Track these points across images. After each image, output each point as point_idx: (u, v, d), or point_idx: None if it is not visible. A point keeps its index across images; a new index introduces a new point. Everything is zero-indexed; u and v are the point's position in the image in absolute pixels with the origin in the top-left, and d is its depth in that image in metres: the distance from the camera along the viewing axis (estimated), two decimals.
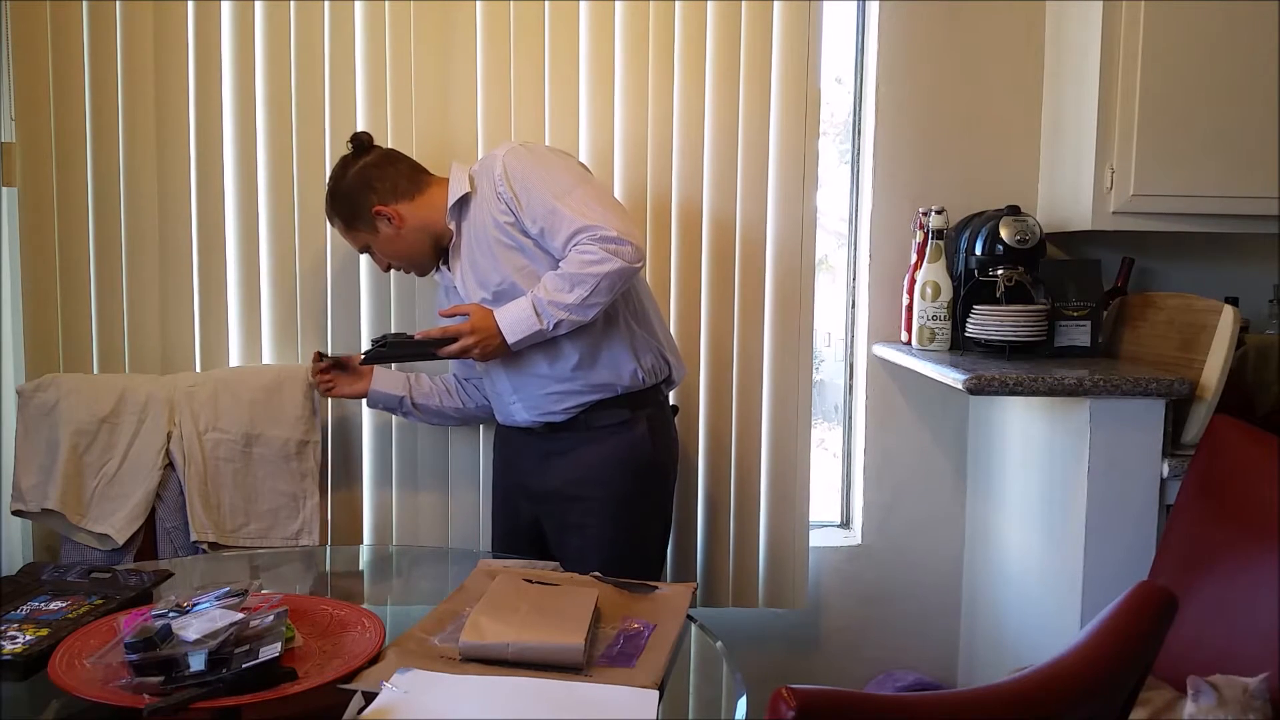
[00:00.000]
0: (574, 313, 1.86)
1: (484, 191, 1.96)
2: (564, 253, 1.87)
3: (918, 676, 2.48)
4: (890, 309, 2.54)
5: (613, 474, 2.00)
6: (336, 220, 2.05)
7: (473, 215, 1.98)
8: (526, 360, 1.97)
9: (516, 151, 1.95)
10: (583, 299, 1.84)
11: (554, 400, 1.99)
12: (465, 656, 1.30)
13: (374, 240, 2.03)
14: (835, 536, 2.65)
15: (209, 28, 2.24)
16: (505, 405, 2.06)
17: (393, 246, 2.03)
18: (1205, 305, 2.11)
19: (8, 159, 2.19)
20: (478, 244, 1.97)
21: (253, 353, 2.32)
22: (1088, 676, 1.00)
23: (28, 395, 2.14)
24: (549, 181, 1.90)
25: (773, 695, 0.87)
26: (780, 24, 2.36)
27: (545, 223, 1.88)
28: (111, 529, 2.09)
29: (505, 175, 1.91)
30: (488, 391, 2.13)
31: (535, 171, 1.91)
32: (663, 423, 2.09)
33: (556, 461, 2.03)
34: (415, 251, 2.04)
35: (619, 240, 1.84)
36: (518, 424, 2.06)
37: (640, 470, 2.03)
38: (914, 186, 2.52)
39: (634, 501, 2.03)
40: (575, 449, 2.01)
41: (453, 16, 2.28)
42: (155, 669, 1.18)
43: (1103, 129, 2.22)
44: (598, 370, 1.97)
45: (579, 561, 1.89)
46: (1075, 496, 2.07)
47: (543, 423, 2.02)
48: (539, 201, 1.88)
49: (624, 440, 2.01)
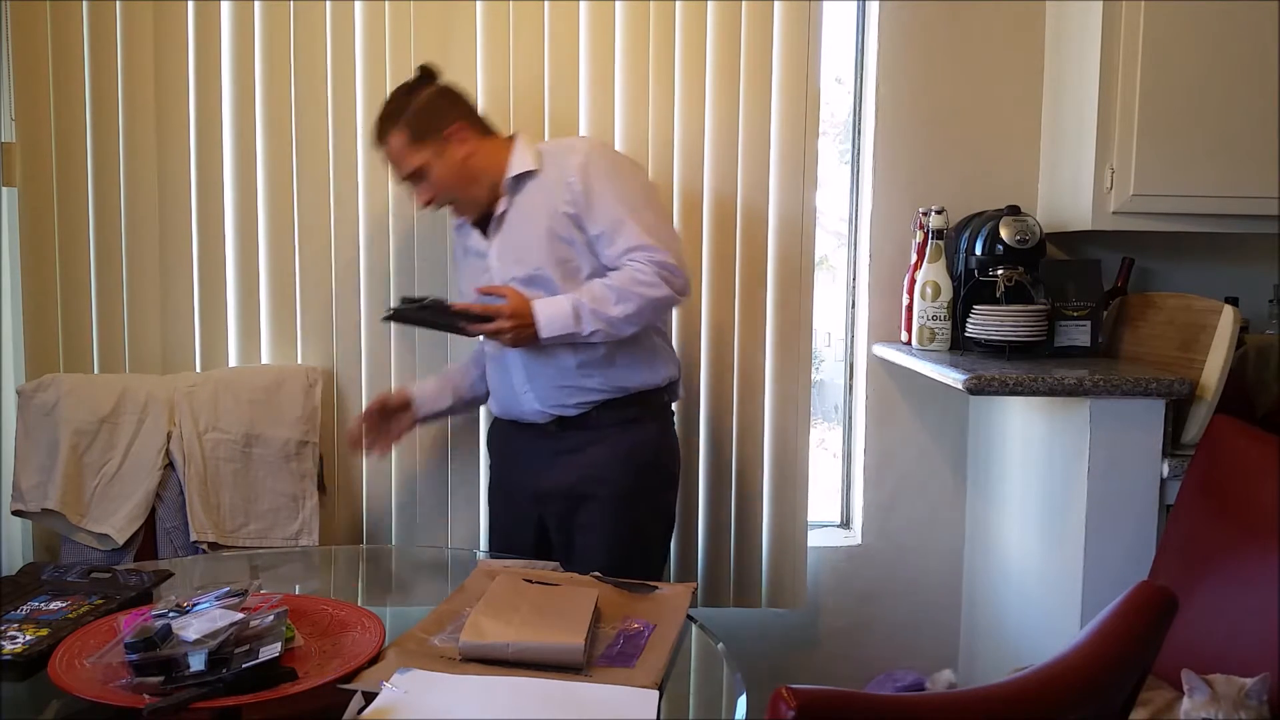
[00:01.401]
0: (613, 326, 1.87)
1: (550, 176, 1.94)
2: (616, 262, 1.89)
3: (917, 676, 2.47)
4: (890, 309, 2.54)
5: (621, 473, 1.99)
6: (399, 134, 1.93)
7: (529, 193, 1.96)
8: (550, 350, 1.94)
9: (600, 150, 1.96)
10: (625, 315, 1.86)
11: (567, 394, 1.97)
12: (465, 656, 1.30)
13: (436, 163, 1.93)
14: (835, 536, 2.65)
15: (209, 28, 2.24)
16: (514, 395, 2.02)
17: (454, 174, 1.95)
18: (1205, 305, 2.11)
19: (8, 159, 2.19)
20: (527, 222, 1.94)
21: (252, 353, 2.32)
22: (1088, 676, 1.00)
23: (28, 395, 2.14)
24: (624, 191, 1.91)
25: (773, 695, 0.87)
26: (780, 24, 2.36)
27: (608, 228, 1.89)
28: (111, 529, 2.09)
29: (583, 170, 1.90)
30: (492, 380, 2.09)
31: (614, 177, 1.93)
32: (670, 425, 2.11)
33: (563, 460, 2.00)
34: (473, 186, 1.97)
35: (674, 270, 1.88)
36: (522, 417, 2.03)
37: (648, 470, 2.03)
38: (914, 186, 2.52)
39: (640, 502, 2.02)
40: (583, 447, 1.99)
41: (453, 16, 2.29)
42: (155, 669, 1.18)
43: (1103, 129, 2.22)
44: (617, 370, 1.97)
45: (583, 562, 1.89)
46: (1075, 496, 2.07)
47: (553, 416, 1.99)
48: (610, 207, 1.89)
49: (633, 440, 2.00)
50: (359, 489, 2.38)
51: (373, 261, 2.33)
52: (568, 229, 1.91)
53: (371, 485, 2.38)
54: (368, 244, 2.32)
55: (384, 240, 2.33)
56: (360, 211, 2.32)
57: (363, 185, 2.31)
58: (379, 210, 2.32)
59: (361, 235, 2.32)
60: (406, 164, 1.95)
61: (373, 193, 2.31)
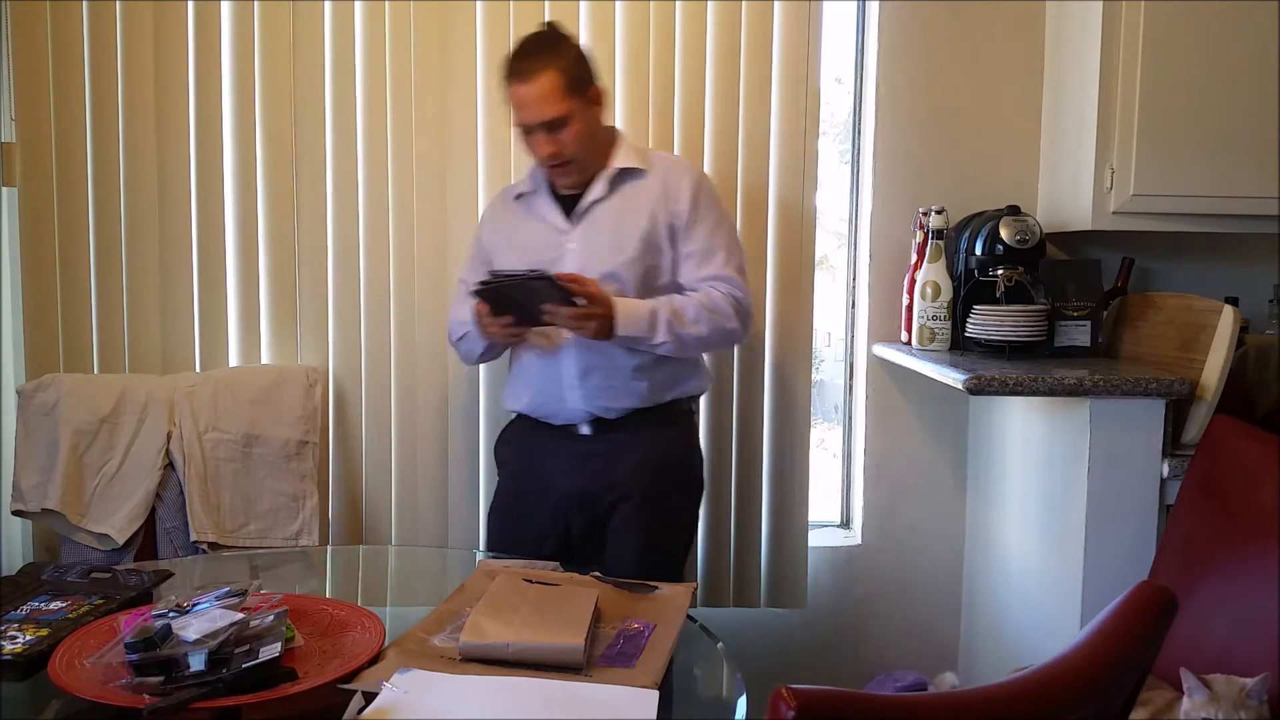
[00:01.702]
0: (682, 344, 1.91)
1: (657, 182, 1.96)
2: (696, 284, 1.93)
3: (918, 676, 2.47)
4: (890, 309, 2.54)
5: (653, 478, 1.98)
6: (552, 76, 1.85)
7: (632, 191, 1.96)
8: (609, 349, 1.91)
9: (706, 179, 2.04)
10: (697, 336, 1.91)
11: (614, 396, 1.94)
12: (465, 656, 1.30)
13: (579, 117, 1.88)
14: (835, 536, 2.65)
15: (209, 28, 2.24)
16: (557, 392, 1.95)
17: (589, 135, 1.91)
18: (1205, 305, 2.11)
19: (8, 159, 2.19)
20: (626, 219, 1.94)
21: (252, 353, 2.32)
22: (1088, 676, 1.00)
23: (28, 395, 2.14)
24: (723, 224, 2.00)
25: (773, 695, 0.87)
26: (780, 24, 2.36)
27: (700, 251, 1.93)
28: (111, 529, 2.09)
29: (695, 190, 1.95)
30: (529, 377, 1.99)
31: (718, 207, 2.00)
32: (696, 429, 2.15)
33: (597, 463, 1.97)
34: (595, 155, 1.95)
35: (748, 311, 1.97)
36: (557, 417, 1.97)
37: (679, 475, 2.05)
38: (914, 186, 2.52)
39: (671, 506, 2.03)
40: (616, 451, 1.97)
41: (453, 16, 2.29)
42: (155, 669, 1.18)
43: (1103, 129, 2.22)
44: (665, 377, 1.97)
45: (613, 566, 1.89)
46: (1075, 496, 2.07)
47: (592, 417, 1.96)
48: (708, 232, 1.95)
49: (665, 444, 2.01)
50: (359, 489, 2.38)
51: (373, 261, 2.33)
52: (663, 239, 1.94)
53: (371, 485, 2.38)
54: (368, 244, 2.32)
55: (384, 240, 2.33)
56: (360, 211, 2.32)
57: (363, 185, 2.31)
58: (379, 210, 2.32)
59: (361, 235, 2.32)
60: (550, 109, 1.85)
61: (373, 193, 2.31)
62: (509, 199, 2.07)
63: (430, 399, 2.36)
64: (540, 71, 1.85)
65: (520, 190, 2.05)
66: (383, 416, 2.35)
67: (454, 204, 2.33)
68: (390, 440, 2.36)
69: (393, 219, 2.32)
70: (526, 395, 2.01)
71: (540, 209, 2.00)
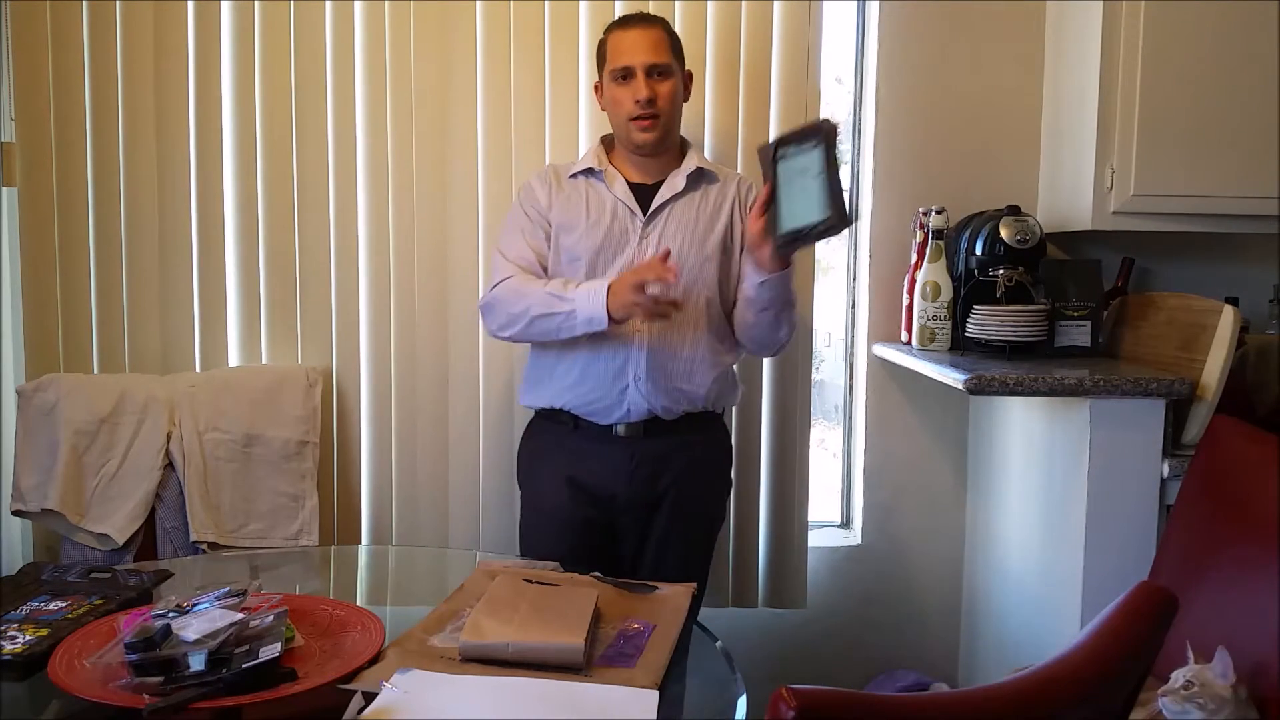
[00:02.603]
0: (790, 323, 2.00)
1: (729, 190, 2.02)
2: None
3: (918, 676, 2.47)
4: (890, 309, 2.54)
5: (702, 481, 2.03)
6: (666, 34, 1.97)
7: (706, 193, 2.01)
8: (679, 336, 1.93)
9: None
10: (792, 325, 2.02)
11: (673, 397, 1.95)
12: (465, 656, 1.30)
13: (676, 80, 1.96)
14: (835, 536, 2.65)
15: (209, 28, 2.24)
16: (615, 387, 1.93)
17: (677, 104, 1.99)
18: (1205, 305, 2.11)
19: (8, 159, 2.19)
20: (703, 217, 1.99)
21: (252, 353, 2.32)
22: (1088, 676, 1.00)
23: (28, 395, 2.14)
24: None
25: (773, 695, 0.87)
26: (780, 24, 2.36)
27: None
28: (111, 529, 2.09)
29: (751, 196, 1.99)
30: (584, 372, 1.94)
31: None
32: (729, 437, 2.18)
33: (647, 468, 1.97)
34: (675, 129, 2.01)
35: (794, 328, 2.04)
36: (608, 416, 1.95)
37: (720, 477, 2.10)
38: (914, 186, 2.52)
39: (713, 508, 2.10)
40: (667, 454, 1.98)
41: (453, 16, 2.29)
42: (155, 669, 1.18)
43: (1103, 129, 2.22)
44: (718, 381, 2.00)
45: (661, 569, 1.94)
46: (1075, 496, 2.07)
47: (649, 417, 1.95)
48: None
49: (709, 447, 2.05)
50: (359, 489, 2.38)
51: (373, 261, 2.33)
52: (735, 244, 2.00)
53: (371, 485, 2.38)
54: (368, 244, 2.32)
55: (384, 240, 2.33)
56: (360, 211, 2.32)
57: (363, 185, 2.31)
58: (379, 210, 2.32)
59: (362, 235, 2.32)
60: (661, 55, 1.93)
61: (373, 192, 2.31)
62: (562, 176, 2.02)
63: (430, 399, 2.36)
64: (656, 24, 1.97)
65: (577, 169, 2.02)
66: (383, 416, 2.35)
67: (454, 204, 2.33)
68: (390, 440, 2.36)
69: (393, 219, 2.32)
70: (571, 394, 1.96)
71: (616, 189, 1.98)
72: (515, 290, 1.92)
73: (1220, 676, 1.57)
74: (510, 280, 1.94)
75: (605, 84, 1.98)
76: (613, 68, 1.95)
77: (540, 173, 2.06)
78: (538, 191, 2.01)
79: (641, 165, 2.01)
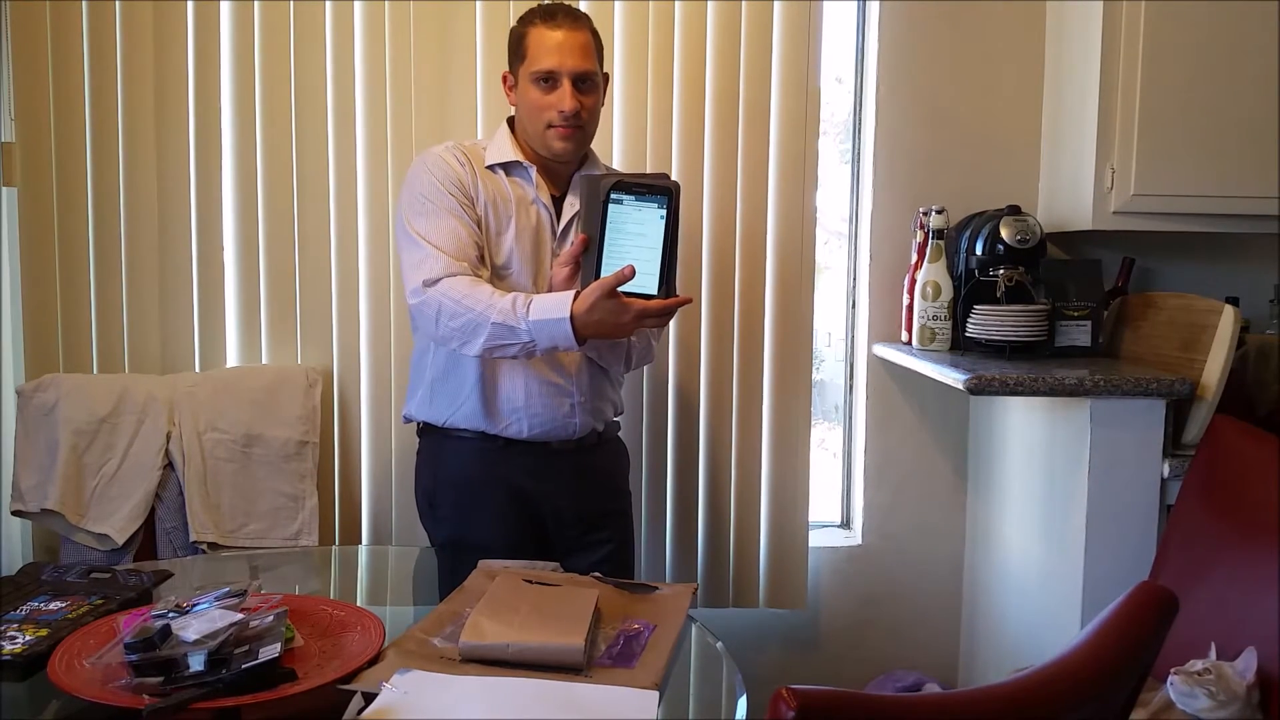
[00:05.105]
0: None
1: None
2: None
3: (918, 676, 2.47)
4: (890, 309, 2.54)
5: (625, 489, 2.09)
6: (595, 37, 1.81)
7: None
8: (602, 360, 1.88)
9: None
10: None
11: (602, 409, 1.93)
12: (465, 657, 1.30)
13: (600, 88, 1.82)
14: (835, 536, 2.65)
15: (209, 28, 2.24)
16: (558, 405, 1.84)
17: (597, 112, 1.83)
18: (1205, 305, 2.11)
19: (8, 159, 2.19)
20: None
21: (252, 353, 2.32)
22: (1088, 676, 1.00)
23: (28, 395, 2.14)
24: None
25: (773, 695, 0.87)
26: (780, 24, 2.36)
27: None
28: (111, 529, 2.09)
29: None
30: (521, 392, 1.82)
31: None
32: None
33: (590, 479, 1.95)
34: (590, 137, 1.84)
35: None
36: (554, 434, 1.85)
37: (625, 488, 2.11)
38: (914, 186, 2.52)
39: (632, 514, 2.12)
40: (604, 464, 1.99)
41: (453, 16, 2.28)
42: (155, 669, 1.18)
43: (1103, 129, 2.22)
44: (617, 386, 2.00)
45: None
46: (1075, 496, 2.07)
47: (589, 432, 1.90)
48: None
49: (625, 456, 2.09)
50: (359, 489, 2.38)
51: (373, 261, 2.33)
52: None
53: (371, 485, 2.38)
54: (367, 244, 2.32)
55: (384, 240, 2.32)
56: (360, 211, 2.31)
57: (363, 185, 2.31)
58: (379, 210, 2.32)
59: (361, 235, 2.32)
60: (588, 62, 1.77)
61: (373, 192, 2.31)
62: (476, 163, 1.83)
63: None
64: (583, 25, 1.79)
65: (496, 161, 1.83)
66: (383, 416, 2.35)
67: None
68: (390, 440, 2.36)
69: (392, 219, 2.31)
70: (512, 416, 1.83)
71: (543, 195, 1.84)
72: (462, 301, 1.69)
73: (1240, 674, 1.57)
74: (456, 282, 1.71)
75: (522, 82, 1.80)
76: (535, 69, 1.76)
77: (449, 148, 1.83)
78: (459, 172, 1.79)
79: (549, 168, 1.85)
